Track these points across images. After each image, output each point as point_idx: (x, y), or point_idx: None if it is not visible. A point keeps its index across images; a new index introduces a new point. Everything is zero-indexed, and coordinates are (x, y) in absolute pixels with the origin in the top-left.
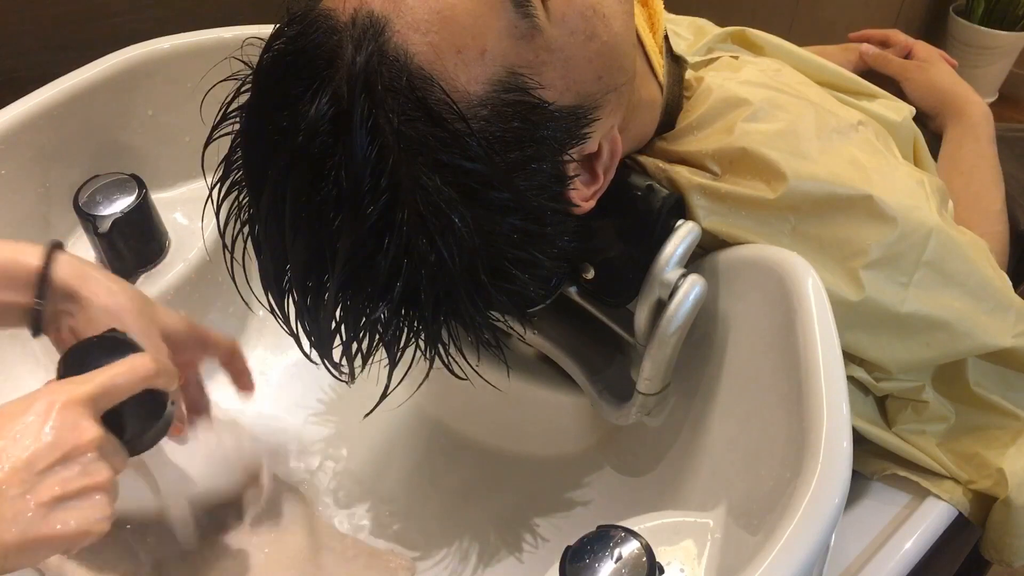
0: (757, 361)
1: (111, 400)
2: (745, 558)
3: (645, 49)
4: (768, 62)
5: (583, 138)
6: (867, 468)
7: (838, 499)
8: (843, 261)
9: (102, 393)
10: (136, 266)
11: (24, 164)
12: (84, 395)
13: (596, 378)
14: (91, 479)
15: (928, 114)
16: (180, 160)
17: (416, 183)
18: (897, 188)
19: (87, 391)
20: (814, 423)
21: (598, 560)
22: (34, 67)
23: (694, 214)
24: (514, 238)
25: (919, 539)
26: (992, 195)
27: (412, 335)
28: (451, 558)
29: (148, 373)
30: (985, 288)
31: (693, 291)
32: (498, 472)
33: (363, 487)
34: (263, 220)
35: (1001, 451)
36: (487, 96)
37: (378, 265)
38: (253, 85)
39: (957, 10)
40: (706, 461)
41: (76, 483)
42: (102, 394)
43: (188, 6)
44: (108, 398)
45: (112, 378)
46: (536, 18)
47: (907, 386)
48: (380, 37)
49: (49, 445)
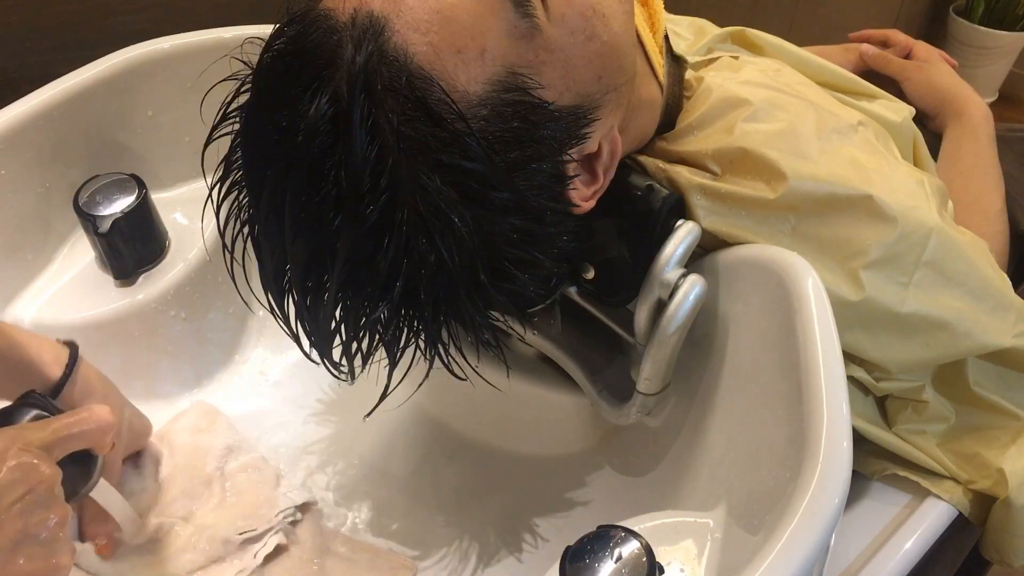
0: (757, 361)
1: (66, 447)
2: (745, 558)
3: (645, 49)
4: (768, 62)
5: (583, 138)
6: (867, 468)
7: (838, 499)
8: (843, 261)
9: (58, 440)
10: (136, 266)
11: (24, 164)
12: (41, 440)
13: (596, 378)
14: (52, 513)
15: (928, 114)
16: (180, 160)
17: (416, 183)
18: (897, 188)
19: (45, 436)
20: (814, 423)
21: (598, 560)
22: (34, 67)
23: (694, 214)
24: (514, 238)
25: (919, 539)
26: (992, 195)
27: (412, 335)
28: (451, 558)
29: (103, 424)
30: (985, 288)
31: (693, 291)
32: (498, 472)
33: (363, 487)
34: (263, 220)
35: (1001, 451)
36: (487, 96)
37: (378, 265)
38: (253, 85)
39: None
40: (706, 461)
41: (39, 518)
42: (58, 440)
43: (188, 6)
44: (64, 444)
45: (68, 426)
46: (536, 18)
47: (907, 386)
48: (380, 37)
49: (10, 483)
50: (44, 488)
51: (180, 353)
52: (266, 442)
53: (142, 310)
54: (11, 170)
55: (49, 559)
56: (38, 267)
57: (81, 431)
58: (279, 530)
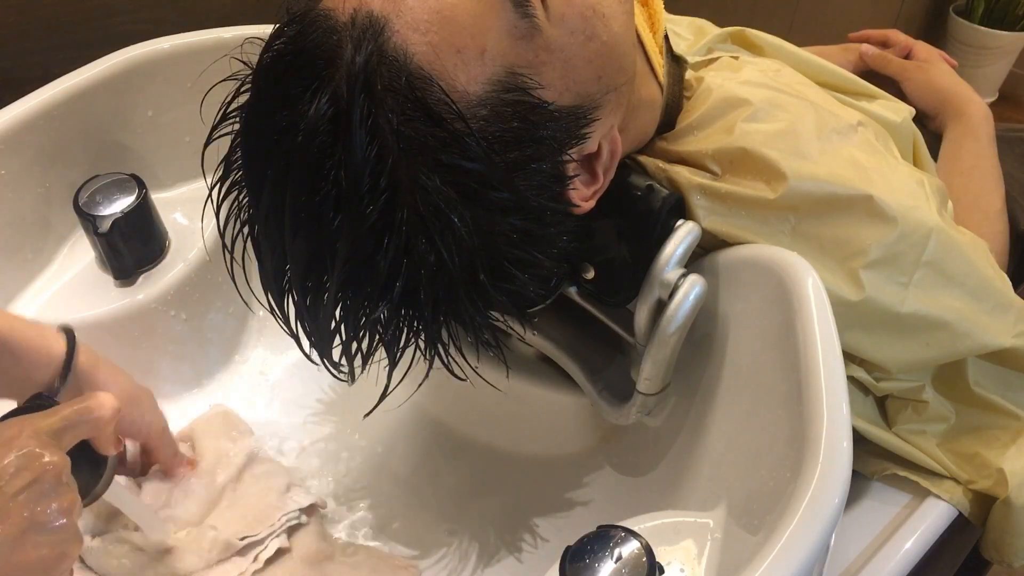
0: (757, 361)
1: (74, 435)
2: (745, 558)
3: (645, 49)
4: (768, 62)
5: (583, 138)
6: (867, 468)
7: (838, 499)
8: (843, 261)
9: (66, 426)
10: (136, 266)
11: (24, 164)
12: (49, 426)
13: (596, 378)
14: (59, 502)
15: (928, 114)
16: (180, 160)
17: (415, 183)
18: (897, 188)
19: (52, 423)
20: (814, 423)
21: (598, 560)
22: (34, 67)
23: (694, 214)
24: (514, 238)
25: (919, 539)
26: (992, 195)
27: (412, 335)
28: (451, 558)
29: (108, 411)
30: (985, 288)
31: (693, 291)
32: (498, 472)
33: (363, 487)
34: (263, 220)
35: (1001, 451)
36: (486, 96)
37: (378, 265)
38: (253, 85)
39: (957, 10)
40: (706, 461)
41: (45, 507)
42: (66, 427)
43: (188, 6)
44: (72, 432)
45: (76, 412)
46: (536, 18)
47: (907, 386)
48: (379, 37)
49: (17, 470)
50: (51, 476)
51: (180, 353)
52: (266, 442)
53: (142, 310)
54: (11, 170)
55: (56, 548)
56: (38, 267)
57: (90, 418)
58: (280, 533)
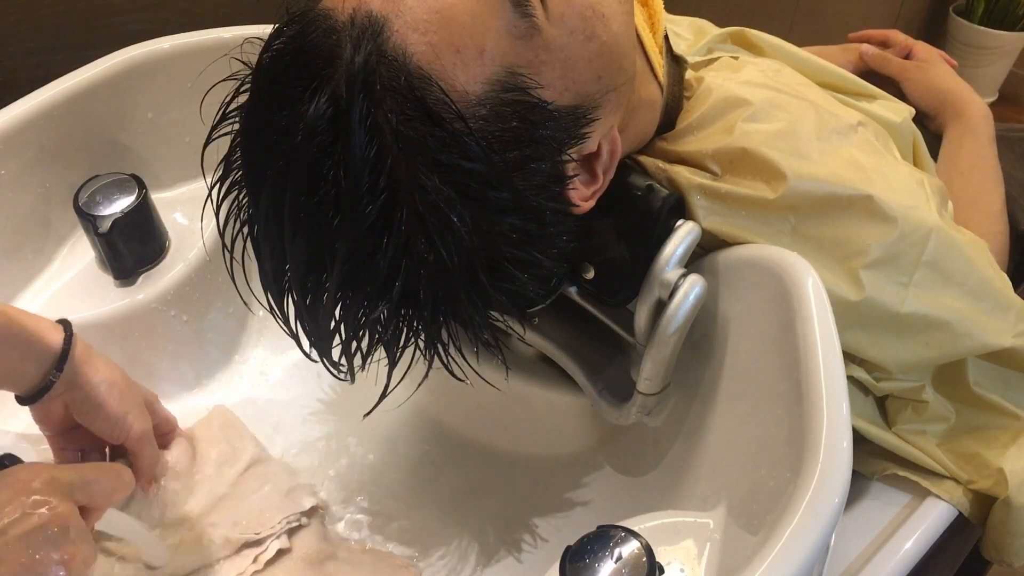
0: (757, 361)
1: (87, 495)
2: (745, 558)
3: (645, 49)
4: (768, 62)
5: (582, 138)
6: (867, 468)
7: (838, 499)
8: (843, 261)
9: (83, 483)
10: (136, 266)
11: (24, 164)
12: (66, 479)
13: (596, 378)
14: (61, 553)
15: (928, 114)
16: (180, 160)
17: (415, 183)
18: (897, 188)
19: (70, 476)
20: (814, 423)
21: (598, 560)
22: (34, 67)
23: (694, 214)
24: (513, 238)
25: (919, 539)
26: (992, 195)
27: (411, 335)
28: (451, 558)
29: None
30: (985, 288)
31: (693, 291)
32: (498, 472)
33: (363, 487)
34: (262, 220)
35: (1001, 451)
36: (486, 96)
37: (377, 265)
38: (252, 85)
39: (957, 10)
40: (706, 461)
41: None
42: (83, 484)
43: (188, 6)
44: (85, 491)
45: (97, 474)
46: (535, 18)
47: (907, 386)
48: (379, 37)
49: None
50: (58, 525)
51: (180, 353)
52: (266, 442)
53: (142, 310)
54: (11, 170)
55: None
56: (38, 267)
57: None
58: (281, 534)
